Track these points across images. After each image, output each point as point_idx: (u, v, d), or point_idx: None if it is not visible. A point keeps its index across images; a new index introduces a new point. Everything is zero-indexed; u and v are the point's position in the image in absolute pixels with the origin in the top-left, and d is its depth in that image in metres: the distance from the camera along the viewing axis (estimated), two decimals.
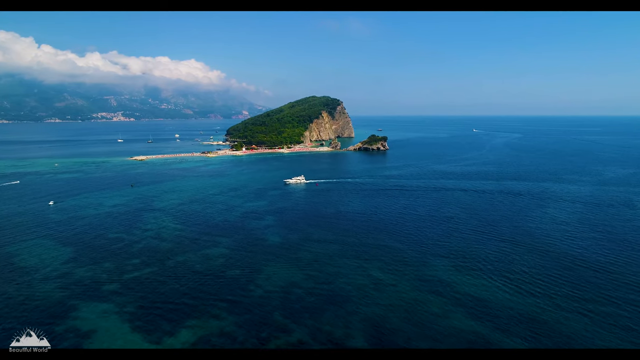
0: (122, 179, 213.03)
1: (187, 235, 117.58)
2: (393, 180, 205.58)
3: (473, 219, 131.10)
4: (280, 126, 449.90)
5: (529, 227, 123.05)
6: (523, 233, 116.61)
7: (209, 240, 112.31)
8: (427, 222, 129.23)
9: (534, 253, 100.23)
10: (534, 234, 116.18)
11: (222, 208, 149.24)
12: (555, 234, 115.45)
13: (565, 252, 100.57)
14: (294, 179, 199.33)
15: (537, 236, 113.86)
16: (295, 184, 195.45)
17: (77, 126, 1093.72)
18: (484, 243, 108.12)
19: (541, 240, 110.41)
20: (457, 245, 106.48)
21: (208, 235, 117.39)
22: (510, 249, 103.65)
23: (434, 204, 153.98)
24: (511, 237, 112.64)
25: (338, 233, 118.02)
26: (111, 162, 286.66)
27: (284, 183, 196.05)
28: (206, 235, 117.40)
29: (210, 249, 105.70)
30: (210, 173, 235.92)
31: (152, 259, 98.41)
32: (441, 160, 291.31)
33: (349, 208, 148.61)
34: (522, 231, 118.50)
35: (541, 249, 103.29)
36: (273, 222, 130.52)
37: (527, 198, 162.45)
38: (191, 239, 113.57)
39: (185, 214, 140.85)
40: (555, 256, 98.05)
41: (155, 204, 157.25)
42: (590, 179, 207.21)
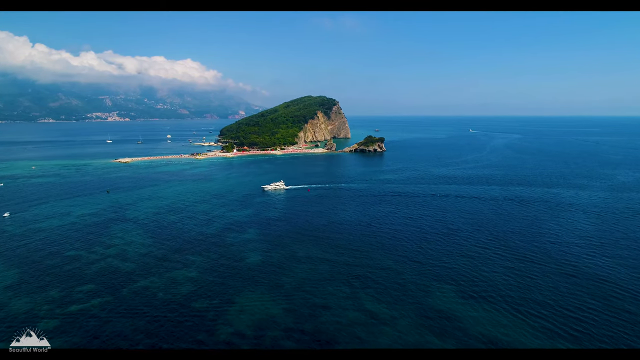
0: (100, 184, 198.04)
1: (156, 252, 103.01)
2: (390, 186, 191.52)
3: (480, 232, 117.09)
4: (274, 127, 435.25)
5: (543, 242, 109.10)
6: (538, 250, 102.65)
7: (179, 260, 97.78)
8: (428, 236, 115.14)
9: (556, 276, 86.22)
10: (549, 250, 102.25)
11: (201, 219, 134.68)
12: (575, 251, 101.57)
13: (593, 275, 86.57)
14: (272, 184, 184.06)
15: (553, 253, 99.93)
16: (274, 190, 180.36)
17: (70, 126, 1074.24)
18: (494, 263, 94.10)
19: (560, 258, 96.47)
20: (464, 266, 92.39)
21: (179, 253, 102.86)
22: (526, 270, 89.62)
23: (435, 213, 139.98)
24: (525, 255, 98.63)
25: (328, 250, 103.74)
26: (93, 165, 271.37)
27: (261, 189, 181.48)
28: (177, 253, 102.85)
29: (179, 271, 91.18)
30: (195, 177, 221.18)
31: (106, 285, 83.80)
32: (441, 163, 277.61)
33: (341, 218, 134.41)
34: (536, 247, 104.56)
35: (562, 270, 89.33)
36: (255, 236, 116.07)
37: (536, 206, 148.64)
38: (159, 258, 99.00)
39: (158, 226, 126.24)
40: (583, 280, 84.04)
41: (128, 213, 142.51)
42: (600, 183, 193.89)
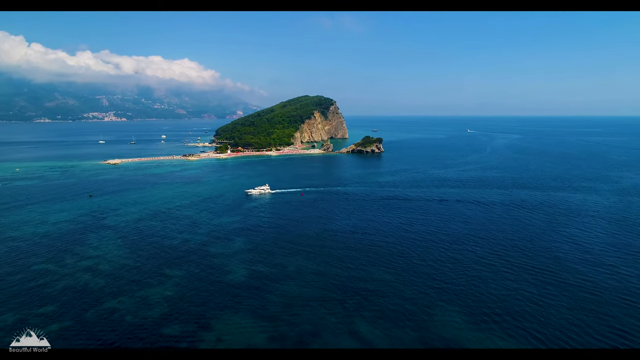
0: (84, 188, 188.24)
1: (131, 265, 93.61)
2: (389, 189, 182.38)
3: (485, 243, 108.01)
4: (270, 127, 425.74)
5: (556, 254, 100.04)
6: (551, 263, 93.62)
7: (156, 275, 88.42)
8: (429, 246, 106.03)
9: (576, 296, 77.15)
10: (564, 263, 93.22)
11: (186, 226, 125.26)
12: (593, 264, 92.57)
13: (613, 289, 77.61)
14: (257, 188, 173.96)
15: (569, 267, 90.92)
16: (258, 194, 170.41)
17: (65, 126, 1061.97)
18: (504, 279, 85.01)
19: (577, 274, 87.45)
20: (470, 282, 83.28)
21: (157, 266, 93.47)
22: (541, 288, 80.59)
23: (436, 220, 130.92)
24: (538, 270, 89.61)
25: (320, 262, 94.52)
26: (80, 167, 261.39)
27: (245, 194, 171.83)
28: (155, 266, 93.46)
29: (154, 288, 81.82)
30: (185, 179, 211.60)
31: (70, 306, 74.38)
32: (440, 164, 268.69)
33: (336, 225, 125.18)
34: (548, 260, 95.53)
35: (582, 287, 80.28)
36: (242, 246, 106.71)
37: (544, 212, 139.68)
38: (134, 272, 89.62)
39: (139, 235, 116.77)
40: (605, 297, 74.99)
41: (109, 220, 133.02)
42: (607, 187, 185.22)
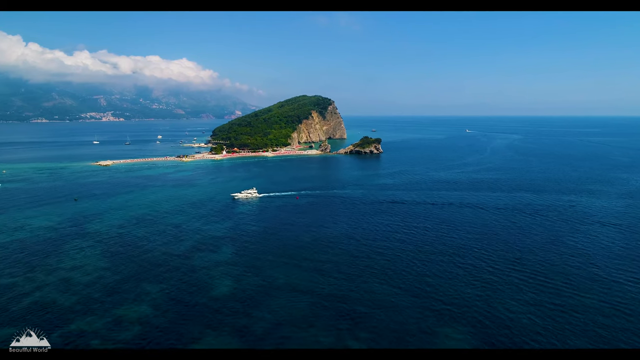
0: (70, 191, 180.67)
1: (108, 279, 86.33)
2: (388, 192, 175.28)
3: (491, 253, 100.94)
4: (267, 127, 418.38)
5: (568, 265, 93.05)
6: (563, 276, 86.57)
7: (132, 290, 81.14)
8: (431, 256, 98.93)
9: (594, 312, 70.09)
10: (579, 277, 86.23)
11: (171, 234, 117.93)
12: (602, 282, 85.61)
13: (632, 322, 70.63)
14: (243, 192, 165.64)
15: (584, 280, 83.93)
16: (245, 198, 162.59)
17: (61, 126, 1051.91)
18: (513, 295, 77.95)
19: (593, 287, 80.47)
20: (476, 299, 76.18)
21: (135, 279, 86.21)
22: (557, 304, 73.50)
23: (438, 227, 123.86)
24: (549, 283, 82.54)
25: (313, 276, 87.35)
26: (70, 168, 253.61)
27: (231, 198, 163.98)
28: (132, 280, 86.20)
29: (128, 306, 74.55)
30: (177, 182, 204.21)
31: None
32: (440, 166, 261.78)
33: (331, 233, 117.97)
34: (560, 273, 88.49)
35: (602, 300, 73.25)
36: (229, 257, 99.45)
37: (551, 218, 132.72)
38: (109, 287, 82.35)
39: (120, 244, 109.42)
40: (628, 308, 67.99)
41: (91, 226, 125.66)
42: (615, 189, 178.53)
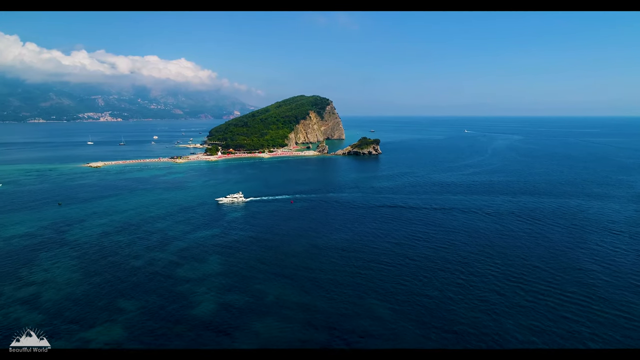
0: (55, 194, 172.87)
1: (81, 295, 78.67)
2: (386, 196, 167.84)
3: (498, 267, 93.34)
4: (264, 127, 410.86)
5: (584, 281, 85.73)
6: (580, 296, 79.23)
7: (106, 308, 73.47)
8: (434, 270, 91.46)
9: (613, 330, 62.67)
10: (598, 295, 78.87)
11: (155, 241, 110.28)
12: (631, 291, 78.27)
13: None
14: (228, 197, 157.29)
15: (604, 299, 76.54)
16: (230, 203, 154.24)
17: (58, 127, 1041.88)
18: (527, 319, 70.48)
19: (614, 307, 73.10)
20: (484, 323, 68.66)
21: (111, 296, 78.55)
22: (578, 332, 66.06)
23: (439, 235, 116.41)
24: (564, 303, 75.13)
25: (305, 291, 79.77)
26: (59, 170, 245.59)
27: (216, 202, 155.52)
28: (108, 296, 78.54)
29: (97, 328, 66.85)
30: (167, 185, 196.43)
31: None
32: (441, 168, 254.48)
33: (326, 241, 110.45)
34: (575, 290, 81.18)
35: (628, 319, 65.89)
36: (216, 268, 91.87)
37: (559, 225, 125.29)
38: (81, 304, 74.69)
39: (100, 253, 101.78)
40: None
41: (71, 233, 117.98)
42: (623, 192, 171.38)
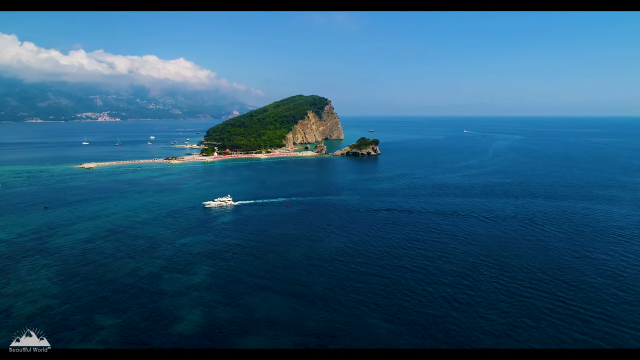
0: (43, 197, 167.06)
1: (55, 308, 73.03)
2: (386, 199, 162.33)
3: (503, 278, 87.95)
4: (261, 127, 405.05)
5: (599, 305, 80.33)
6: (602, 320, 73.78)
7: (81, 323, 67.87)
8: (433, 283, 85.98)
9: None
10: (612, 317, 73.45)
11: (142, 249, 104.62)
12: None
13: None
14: (217, 200, 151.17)
15: (616, 320, 71.09)
16: (219, 207, 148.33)
17: (55, 127, 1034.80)
18: (550, 342, 64.99)
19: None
20: (487, 344, 63.18)
21: (88, 310, 72.89)
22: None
23: (442, 242, 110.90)
24: (578, 319, 69.66)
25: (296, 307, 74.18)
26: (50, 172, 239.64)
27: (203, 206, 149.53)
28: (85, 310, 72.87)
29: (67, 345, 61.22)
30: (160, 187, 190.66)
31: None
32: (441, 169, 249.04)
33: (321, 248, 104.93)
34: (594, 310, 75.71)
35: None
36: (203, 278, 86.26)
37: (566, 234, 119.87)
38: (54, 320, 69.08)
39: (82, 261, 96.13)
40: None
41: (54, 240, 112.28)
42: (629, 195, 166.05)
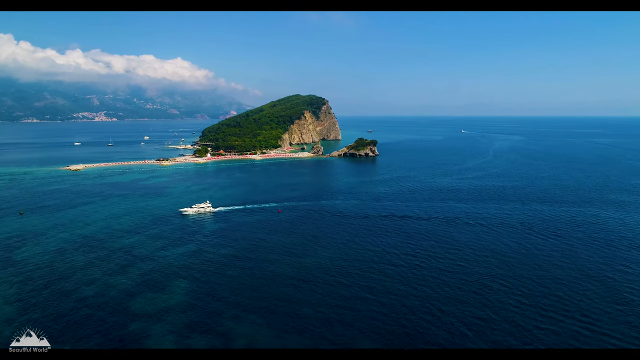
0: (20, 202, 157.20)
1: (4, 338, 63.37)
2: (384, 204, 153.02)
3: (518, 295, 78.77)
4: (257, 128, 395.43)
5: (630, 328, 71.28)
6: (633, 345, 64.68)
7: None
8: (437, 300, 76.70)
9: None
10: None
11: (118, 261, 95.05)
12: None
13: None
14: (194, 207, 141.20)
15: None
16: (196, 213, 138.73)
17: (49, 127, 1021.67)
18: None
19: None
20: None
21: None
22: None
23: (443, 251, 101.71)
24: (606, 342, 60.52)
25: (283, 331, 64.79)
26: (35, 174, 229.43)
27: (180, 213, 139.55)
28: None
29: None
30: (147, 190, 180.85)
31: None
32: (441, 171, 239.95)
33: (311, 263, 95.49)
34: (621, 332, 66.64)
35: None
36: (180, 299, 76.71)
37: (581, 243, 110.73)
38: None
39: (46, 277, 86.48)
40: None
41: (22, 250, 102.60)
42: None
